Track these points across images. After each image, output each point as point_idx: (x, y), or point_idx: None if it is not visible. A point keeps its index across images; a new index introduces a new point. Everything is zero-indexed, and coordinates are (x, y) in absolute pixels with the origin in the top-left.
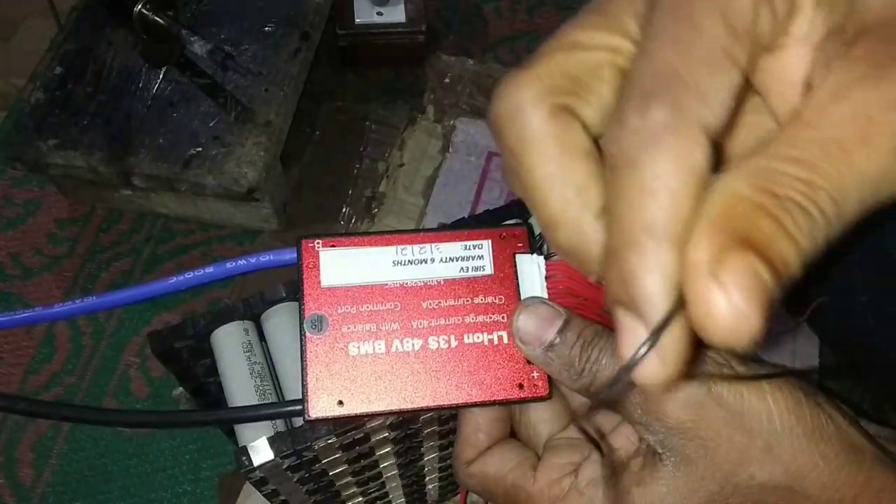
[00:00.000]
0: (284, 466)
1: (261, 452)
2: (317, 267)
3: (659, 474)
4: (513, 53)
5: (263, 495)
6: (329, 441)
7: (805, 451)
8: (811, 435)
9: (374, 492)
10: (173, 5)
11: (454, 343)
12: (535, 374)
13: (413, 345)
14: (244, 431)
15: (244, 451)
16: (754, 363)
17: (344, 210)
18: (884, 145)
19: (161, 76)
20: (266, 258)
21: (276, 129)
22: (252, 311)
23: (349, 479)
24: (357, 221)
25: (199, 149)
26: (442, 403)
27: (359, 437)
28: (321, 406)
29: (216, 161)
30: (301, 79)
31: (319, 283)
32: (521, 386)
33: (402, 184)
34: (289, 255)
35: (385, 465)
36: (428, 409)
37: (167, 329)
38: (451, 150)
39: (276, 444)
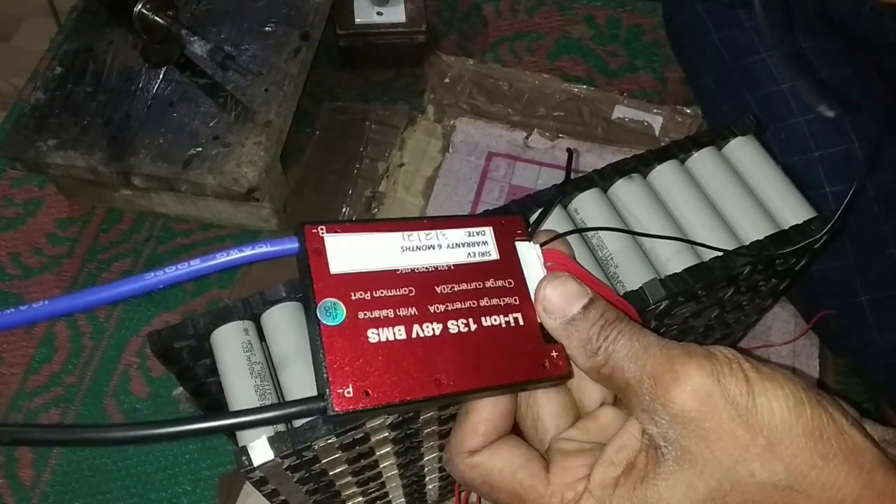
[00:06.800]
0: (284, 466)
1: (261, 452)
2: (323, 253)
3: (660, 470)
4: (513, 53)
5: (263, 495)
6: (329, 441)
7: (804, 449)
8: (810, 434)
9: (374, 492)
10: (173, 5)
11: (473, 326)
12: (555, 353)
13: (433, 329)
14: (243, 431)
15: (244, 450)
16: (758, 362)
17: (344, 210)
18: None
19: (161, 76)
20: (260, 249)
21: (276, 129)
22: (252, 311)
23: (349, 479)
24: None
25: (199, 149)
26: (474, 387)
27: (359, 436)
28: (347, 397)
29: (216, 161)
30: (301, 79)
31: (328, 269)
32: (543, 364)
33: (402, 184)
34: (289, 243)
35: (385, 465)
36: (459, 395)
37: (167, 329)
38: (451, 150)
39: (276, 443)
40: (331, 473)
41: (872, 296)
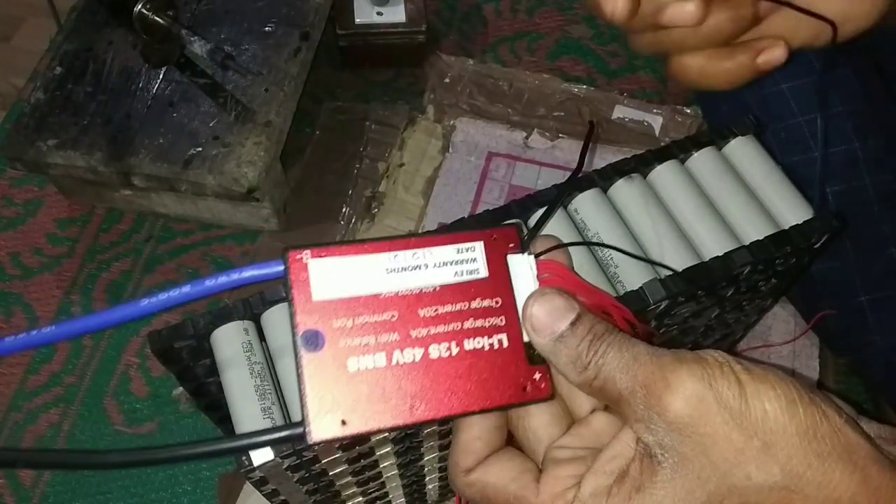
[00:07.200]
0: (284, 466)
1: (261, 452)
2: (306, 280)
3: (657, 477)
4: (513, 53)
5: (263, 495)
6: None
7: (799, 449)
8: (804, 433)
9: (374, 492)
10: (173, 5)
11: (455, 350)
12: (538, 375)
13: (414, 355)
14: (244, 431)
15: (244, 450)
16: (749, 363)
17: (344, 210)
18: None
19: (161, 76)
20: (248, 273)
21: (276, 129)
22: (252, 311)
23: (349, 479)
24: (357, 221)
25: (199, 149)
26: (448, 413)
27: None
28: (324, 428)
29: (216, 161)
30: (301, 79)
31: (310, 296)
32: (524, 388)
33: (402, 184)
34: (274, 266)
35: (385, 465)
36: (434, 421)
37: (167, 329)
38: (451, 150)
39: (276, 444)
40: (331, 473)
41: (872, 296)
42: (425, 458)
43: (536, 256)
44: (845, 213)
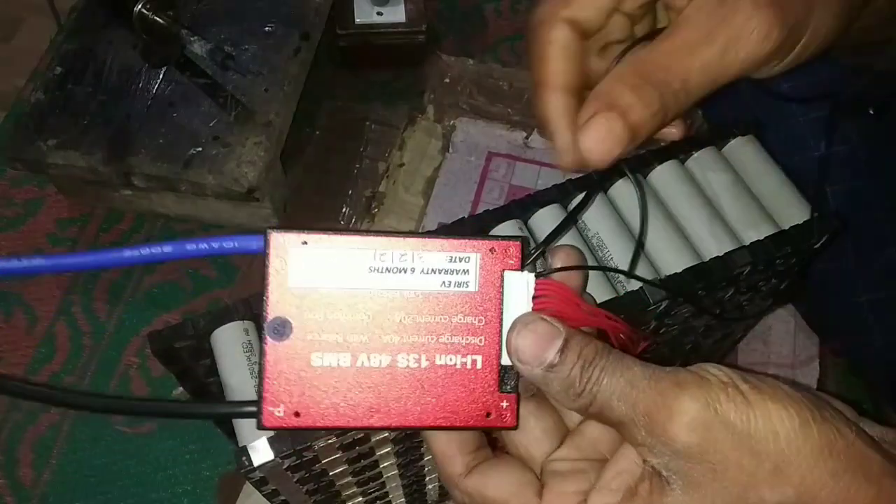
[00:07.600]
0: (284, 466)
1: (261, 452)
2: (285, 265)
3: (667, 499)
4: (513, 53)
5: (263, 495)
6: (329, 441)
7: (813, 469)
8: (819, 453)
9: (374, 492)
10: (173, 5)
11: (424, 363)
12: (505, 404)
13: (380, 361)
14: (244, 431)
15: (244, 451)
16: (756, 379)
17: (344, 210)
18: (718, 44)
19: (161, 76)
20: (230, 244)
21: (276, 129)
22: (252, 311)
23: (349, 479)
24: (357, 221)
25: (199, 149)
26: (403, 424)
27: (359, 437)
28: (276, 416)
29: (216, 161)
30: (301, 79)
31: (286, 283)
32: (488, 414)
33: (402, 184)
34: (255, 242)
35: (385, 465)
36: (388, 429)
37: (167, 329)
38: (451, 150)
39: (276, 444)
40: (331, 473)
41: (872, 296)
42: (425, 458)
43: (539, 276)
44: (845, 213)
